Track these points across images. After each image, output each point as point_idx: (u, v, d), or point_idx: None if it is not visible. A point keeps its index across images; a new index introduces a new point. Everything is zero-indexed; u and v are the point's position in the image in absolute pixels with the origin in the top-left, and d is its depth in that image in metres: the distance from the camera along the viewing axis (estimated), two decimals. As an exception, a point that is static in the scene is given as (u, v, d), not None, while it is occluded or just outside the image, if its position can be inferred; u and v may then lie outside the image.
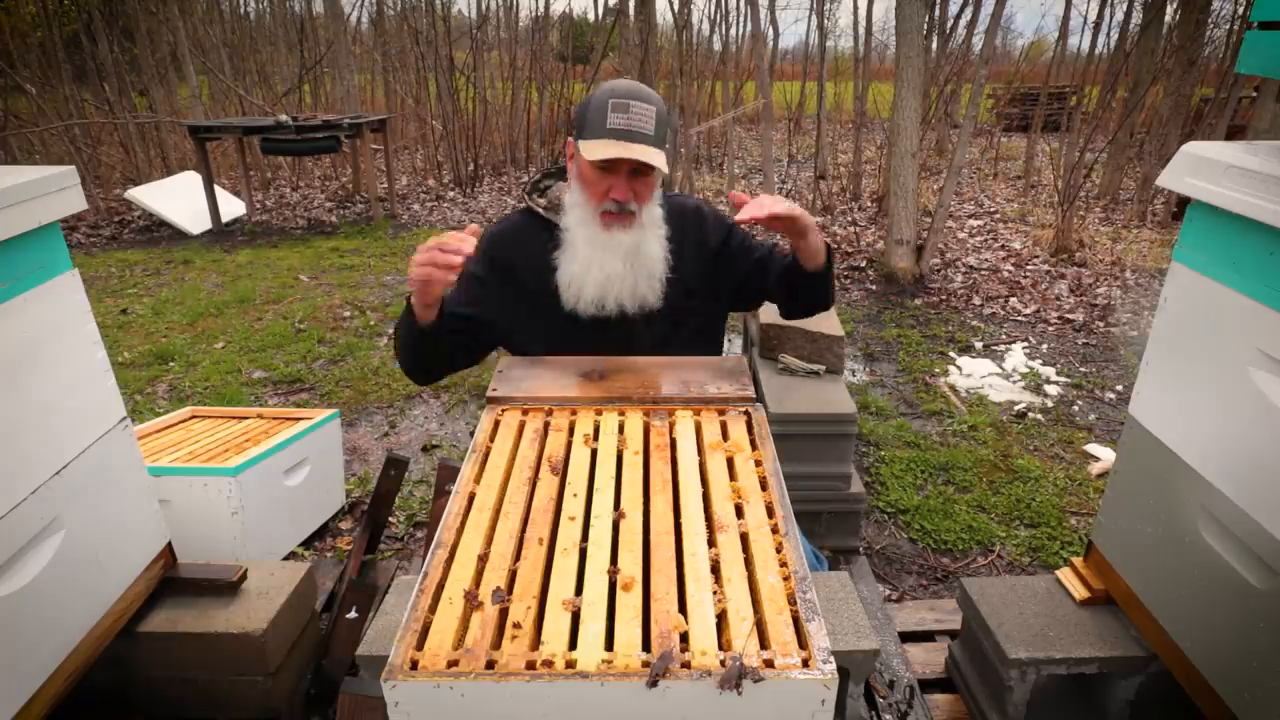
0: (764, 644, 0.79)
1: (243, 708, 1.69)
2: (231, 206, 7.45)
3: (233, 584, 1.69)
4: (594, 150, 1.36)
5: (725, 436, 1.20)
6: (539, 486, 1.07)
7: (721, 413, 1.26)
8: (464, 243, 1.28)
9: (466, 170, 9.01)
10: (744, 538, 0.96)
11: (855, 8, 19.22)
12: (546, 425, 1.23)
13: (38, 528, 1.29)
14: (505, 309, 1.58)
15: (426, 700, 0.75)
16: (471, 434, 1.77)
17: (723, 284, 1.63)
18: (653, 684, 0.74)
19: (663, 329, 1.55)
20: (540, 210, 1.59)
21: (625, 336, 1.52)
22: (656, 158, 1.38)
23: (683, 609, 0.84)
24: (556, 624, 0.82)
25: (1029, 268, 5.69)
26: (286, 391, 3.75)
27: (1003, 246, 6.31)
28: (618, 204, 1.42)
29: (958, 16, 7.47)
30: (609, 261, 1.45)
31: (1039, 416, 3.44)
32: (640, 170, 1.42)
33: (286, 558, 2.37)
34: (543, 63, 9.90)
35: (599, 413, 1.26)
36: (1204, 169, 1.26)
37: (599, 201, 1.43)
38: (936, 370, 3.94)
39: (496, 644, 0.80)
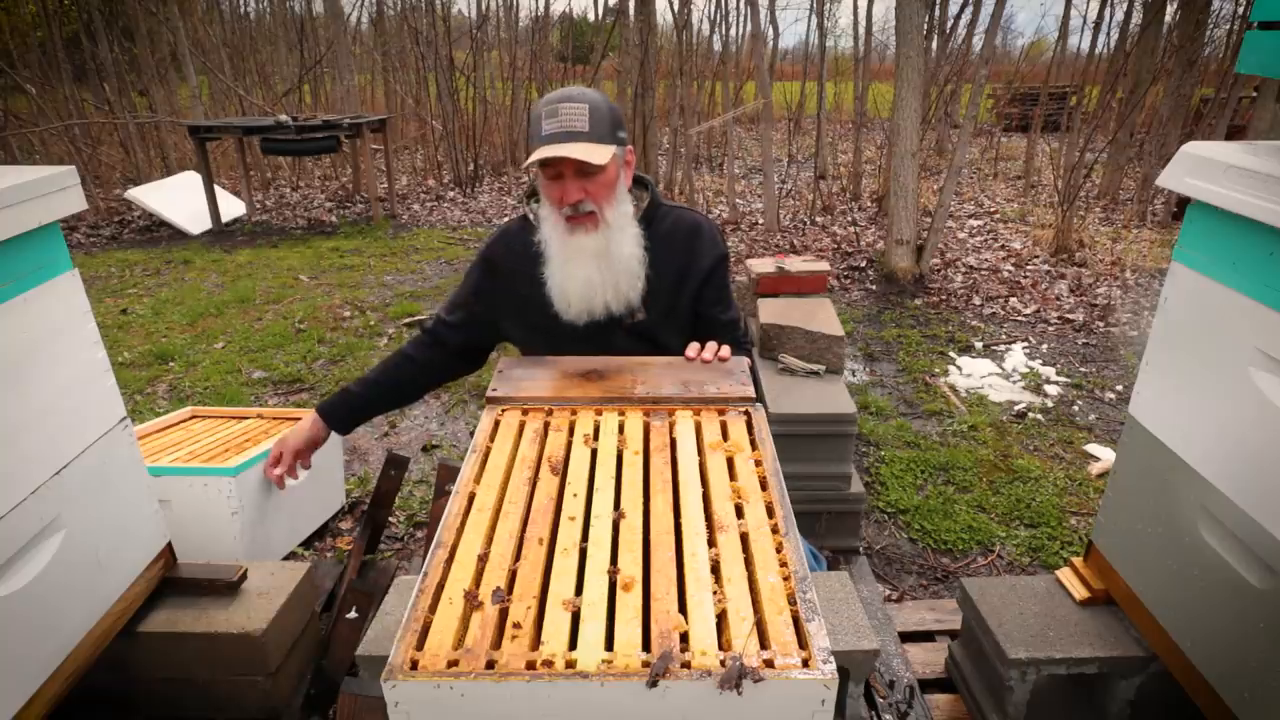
0: (764, 644, 0.79)
1: (243, 708, 1.68)
2: (231, 206, 7.45)
3: (233, 584, 1.69)
4: (532, 157, 1.39)
5: (725, 436, 1.19)
6: (539, 486, 1.07)
7: (721, 412, 1.26)
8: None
9: (466, 170, 9.01)
10: (744, 538, 0.96)
11: (855, 8, 19.26)
12: (546, 425, 1.23)
13: (38, 528, 1.29)
14: (507, 312, 1.63)
15: (426, 700, 0.75)
16: (471, 434, 1.77)
17: (691, 309, 1.62)
18: (653, 684, 0.74)
19: (642, 345, 1.56)
20: (533, 218, 1.60)
21: (608, 348, 1.53)
22: (587, 151, 1.37)
23: (683, 609, 0.84)
24: (556, 624, 0.82)
25: (1029, 268, 5.69)
26: (286, 391, 3.75)
27: (1003, 246, 6.31)
28: (573, 207, 1.44)
29: (958, 16, 7.49)
30: (582, 267, 1.46)
31: (1039, 416, 3.44)
32: (587, 170, 1.41)
33: (286, 558, 2.37)
34: (543, 63, 9.91)
35: (599, 413, 1.26)
36: (1204, 169, 1.26)
37: (559, 208, 1.45)
38: (936, 370, 3.94)
39: (496, 644, 0.80)
